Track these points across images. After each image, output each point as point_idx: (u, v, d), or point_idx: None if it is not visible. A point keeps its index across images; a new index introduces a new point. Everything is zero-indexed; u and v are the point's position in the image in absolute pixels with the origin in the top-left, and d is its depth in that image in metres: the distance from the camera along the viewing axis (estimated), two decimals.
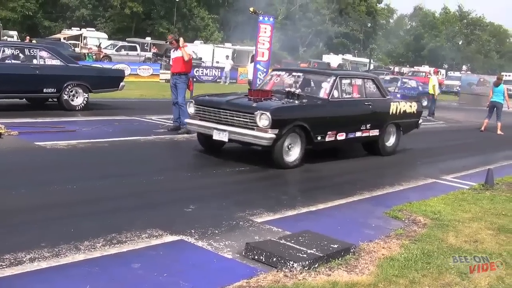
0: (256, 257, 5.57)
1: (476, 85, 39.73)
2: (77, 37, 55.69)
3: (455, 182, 10.42)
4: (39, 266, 5.00)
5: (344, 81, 11.60)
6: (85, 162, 9.64)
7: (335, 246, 5.87)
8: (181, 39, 14.03)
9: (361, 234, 6.64)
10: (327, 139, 10.83)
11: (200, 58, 47.30)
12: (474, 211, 8.12)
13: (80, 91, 15.59)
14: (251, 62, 21.11)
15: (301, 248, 5.69)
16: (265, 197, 8.15)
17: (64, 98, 15.27)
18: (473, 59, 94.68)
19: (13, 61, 14.58)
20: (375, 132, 12.11)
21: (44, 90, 14.93)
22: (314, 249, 5.67)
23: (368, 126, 11.82)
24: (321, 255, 5.57)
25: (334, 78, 11.33)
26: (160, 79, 33.95)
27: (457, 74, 60.30)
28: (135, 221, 6.49)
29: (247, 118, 9.90)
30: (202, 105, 10.76)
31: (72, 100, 15.48)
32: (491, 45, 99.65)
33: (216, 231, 6.36)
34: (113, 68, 23.87)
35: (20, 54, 14.80)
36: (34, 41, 33.97)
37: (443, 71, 65.23)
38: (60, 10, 67.84)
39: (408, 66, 79.93)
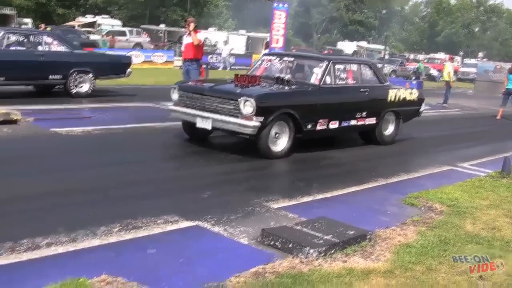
0: (272, 243, 5.56)
1: (492, 72, 39.34)
2: (91, 24, 55.72)
3: (472, 170, 10.36)
4: (56, 251, 5.01)
5: (337, 66, 10.99)
6: (100, 148, 9.66)
7: (351, 232, 5.85)
8: (192, 24, 13.95)
9: (377, 221, 6.61)
10: (318, 127, 10.27)
11: (215, 45, 47.19)
12: (492, 199, 8.06)
13: (86, 77, 15.52)
14: (265, 49, 21.07)
15: (317, 234, 5.67)
16: (281, 183, 8.17)
17: (70, 84, 15.19)
18: (489, 46, 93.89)
19: (18, 47, 14.50)
20: (372, 121, 11.55)
21: (50, 77, 14.83)
22: (330, 236, 5.65)
23: (364, 114, 11.24)
24: (337, 241, 5.56)
25: (327, 63, 10.74)
26: (174, 66, 33.92)
27: (473, 61, 59.79)
28: (151, 207, 6.50)
29: (230, 105, 9.43)
30: (186, 90, 10.32)
31: (78, 87, 15.39)
32: (508, 33, 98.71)
33: (232, 217, 6.36)
34: (123, 54, 23.77)
35: (25, 41, 14.71)
36: (48, 29, 33.99)
37: (458, 58, 64.72)
38: None
39: (423, 53, 79.37)
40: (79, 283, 4.24)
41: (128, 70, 16.82)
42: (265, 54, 12.81)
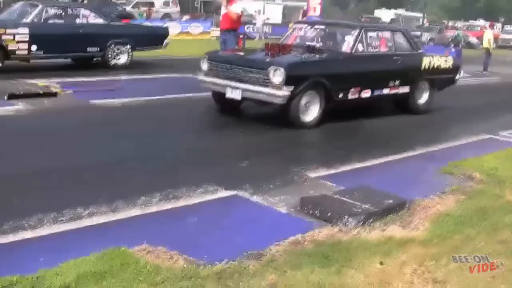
0: (311, 211, 5.59)
1: None
2: None
3: None
4: (97, 221, 5.11)
5: (369, 34, 10.79)
6: (138, 119, 9.76)
7: (390, 201, 5.84)
8: None
9: (416, 190, 6.56)
10: (349, 96, 10.11)
11: (251, 15, 46.95)
12: None
13: (124, 49, 15.64)
14: (302, 18, 20.90)
15: (356, 203, 5.68)
16: (319, 153, 8.18)
17: (108, 56, 15.34)
18: None
19: (56, 21, 14.59)
20: (405, 89, 11.30)
21: (88, 49, 15.00)
22: (369, 204, 5.66)
23: (397, 82, 11.00)
24: (375, 210, 5.56)
25: (359, 30, 10.56)
26: (211, 37, 33.89)
27: None
28: (190, 176, 6.56)
29: (260, 74, 9.30)
30: (216, 60, 10.22)
31: (116, 59, 15.54)
32: None
33: (271, 186, 6.40)
34: (160, 25, 23.83)
35: (63, 14, 14.80)
36: (85, 1, 34.19)
37: (499, 25, 63.36)
38: None
39: (463, 20, 77.90)
40: (120, 251, 4.32)
41: (165, 41, 16.91)
42: (296, 22, 12.70)
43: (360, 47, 10.45)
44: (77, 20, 14.81)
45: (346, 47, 10.42)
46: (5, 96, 10.14)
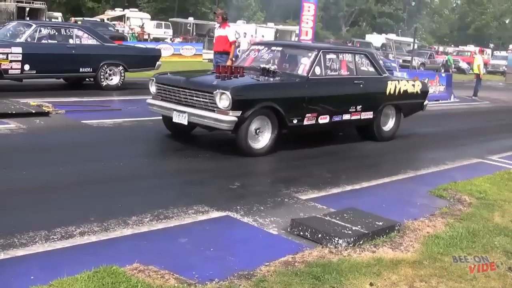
0: (301, 233, 5.62)
1: None
2: (120, 18, 56.19)
3: (501, 162, 10.29)
4: (89, 240, 5.12)
5: (329, 56, 10.11)
6: (130, 140, 9.78)
7: (380, 223, 5.89)
8: (221, 17, 14.05)
9: (406, 212, 6.63)
10: (305, 122, 9.46)
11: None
12: None
13: (117, 70, 15.69)
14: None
15: (346, 225, 5.71)
16: (309, 175, 8.18)
17: (101, 77, 15.37)
18: None
19: (49, 41, 14.69)
20: (368, 115, 10.64)
21: (81, 70, 15.00)
22: (359, 226, 5.69)
23: (358, 107, 10.34)
24: (366, 232, 5.60)
25: (316, 52, 9.88)
26: (203, 59, 34.07)
27: (503, 53, 59.04)
28: (181, 197, 6.60)
29: (206, 98, 8.70)
30: (163, 83, 9.58)
31: (109, 80, 15.57)
32: None
33: (262, 208, 6.43)
34: (153, 47, 23.94)
35: (56, 34, 14.88)
36: (79, 22, 34.34)
37: (489, 51, 63.97)
38: None
39: (452, 45, 78.61)
40: (112, 270, 4.32)
41: (158, 62, 16.94)
42: (254, 44, 12.00)
43: (317, 70, 9.78)
44: (70, 41, 14.84)
45: (302, 70, 9.79)
46: None
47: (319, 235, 5.49)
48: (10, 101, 11.55)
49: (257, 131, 8.97)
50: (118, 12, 58.41)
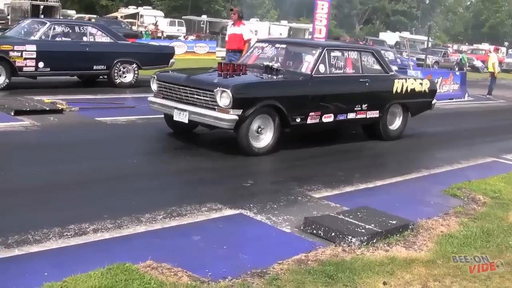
0: (314, 231, 5.61)
1: None
2: (133, 16, 56.30)
3: None
4: (102, 237, 5.15)
5: (333, 54, 9.92)
6: (144, 137, 9.83)
7: (393, 222, 5.86)
8: (237, 14, 14.03)
9: (420, 211, 6.60)
10: (309, 121, 9.28)
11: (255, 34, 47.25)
12: None
13: (130, 68, 15.73)
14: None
15: (359, 223, 5.70)
16: (323, 173, 8.16)
17: (114, 75, 15.41)
18: None
19: (63, 38, 14.75)
20: (374, 114, 10.44)
21: (94, 67, 15.05)
22: (372, 225, 5.68)
23: (364, 106, 10.16)
24: (379, 230, 5.58)
25: (320, 50, 9.69)
26: (216, 57, 34.09)
27: None
28: (195, 195, 6.61)
29: (207, 96, 8.56)
30: (164, 81, 9.49)
31: (122, 77, 15.62)
32: None
33: (275, 206, 6.43)
34: (166, 45, 23.94)
35: (70, 32, 14.96)
36: (92, 20, 34.48)
37: (503, 49, 63.57)
38: None
39: (467, 44, 78.18)
40: (125, 267, 4.33)
41: (171, 60, 16.95)
42: (258, 41, 11.83)
43: (321, 68, 9.59)
44: (84, 38, 14.91)
45: (305, 68, 9.61)
46: (11, 112, 10.21)
47: (332, 234, 5.47)
48: (24, 98, 11.59)
49: (259, 130, 8.83)
50: (131, 9, 58.51)
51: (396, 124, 11.24)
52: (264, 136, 8.90)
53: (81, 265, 4.36)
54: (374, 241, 5.43)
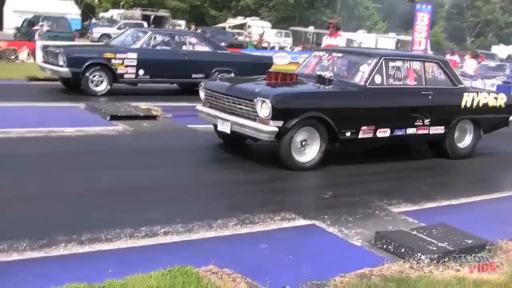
0: (384, 246, 5.52)
1: None
2: (241, 26, 57.16)
3: None
4: (171, 240, 5.29)
5: (392, 64, 9.23)
6: (229, 146, 9.93)
7: (469, 241, 5.66)
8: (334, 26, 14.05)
9: (502, 232, 6.27)
10: (361, 135, 8.70)
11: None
12: None
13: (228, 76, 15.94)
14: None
15: (432, 240, 5.55)
16: (406, 188, 7.99)
17: None
18: None
19: (163, 47, 15.23)
20: (439, 130, 9.63)
21: (193, 76, 15.29)
22: (446, 243, 5.51)
23: (426, 121, 9.40)
24: (452, 249, 5.40)
25: (377, 60, 9.05)
26: None
27: None
28: (270, 203, 6.65)
29: (248, 106, 8.25)
30: (210, 89, 9.24)
31: None
32: None
33: (350, 218, 6.36)
34: (265, 55, 24.10)
35: (170, 41, 15.42)
36: (199, 30, 35.33)
37: None
38: (226, 0, 69.92)
39: None
40: (185, 270, 4.42)
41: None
42: (316, 50, 11.27)
43: (377, 79, 8.98)
44: (184, 47, 15.33)
45: (359, 79, 9.00)
46: (107, 117, 10.63)
47: (402, 249, 5.36)
48: (121, 103, 12.03)
49: (303, 143, 8.34)
50: (239, 20, 59.43)
51: (465, 142, 10.31)
52: (308, 150, 8.41)
53: (145, 265, 4.49)
54: (446, 259, 5.26)
